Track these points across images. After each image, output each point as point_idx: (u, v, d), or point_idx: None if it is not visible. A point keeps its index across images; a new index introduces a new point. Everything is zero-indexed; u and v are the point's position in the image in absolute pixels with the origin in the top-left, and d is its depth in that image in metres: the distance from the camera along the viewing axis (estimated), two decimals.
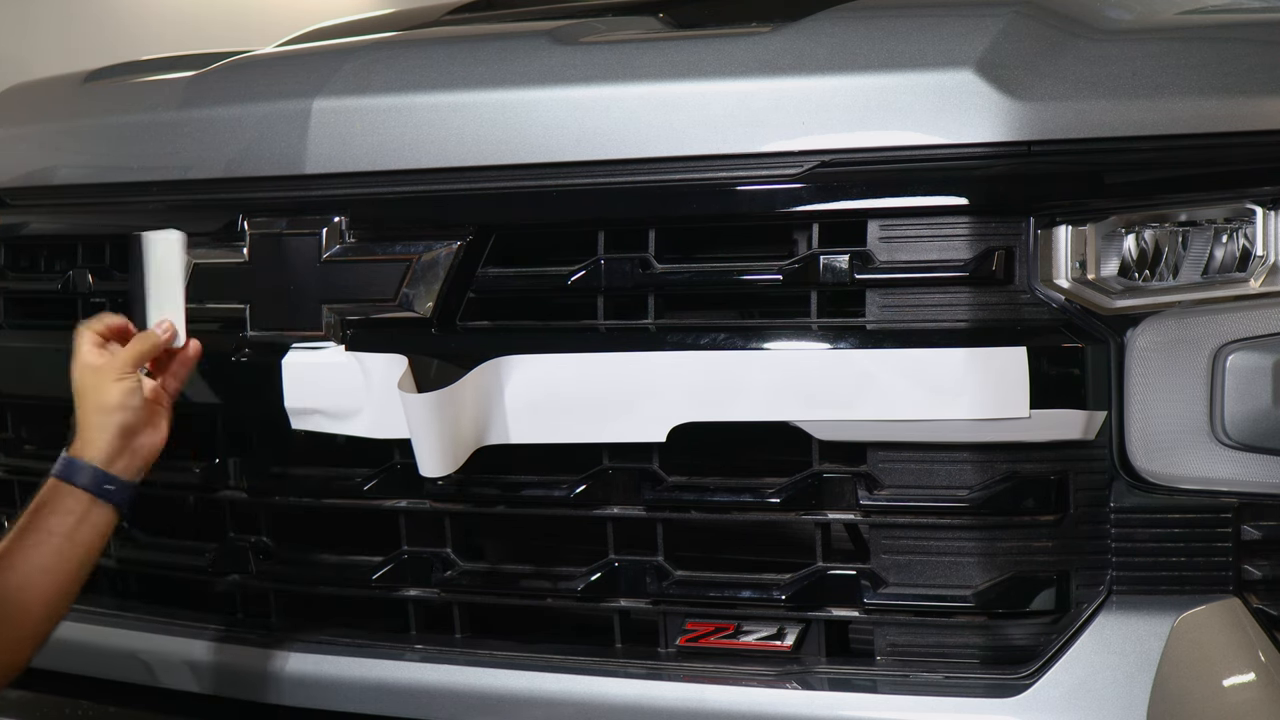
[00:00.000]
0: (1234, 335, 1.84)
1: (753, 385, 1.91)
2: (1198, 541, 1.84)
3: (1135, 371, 1.84)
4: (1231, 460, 1.84)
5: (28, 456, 2.43)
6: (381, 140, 2.08)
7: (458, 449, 2.01)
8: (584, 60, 2.07)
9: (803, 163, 1.91)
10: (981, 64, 1.85)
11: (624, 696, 1.96)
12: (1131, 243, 1.86)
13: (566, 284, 2.02)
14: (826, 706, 1.90)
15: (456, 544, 2.12)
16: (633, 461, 2.01)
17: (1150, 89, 1.84)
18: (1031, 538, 1.87)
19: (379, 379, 2.06)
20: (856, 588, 1.92)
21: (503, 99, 2.04)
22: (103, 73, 2.55)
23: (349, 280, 2.10)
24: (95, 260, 2.37)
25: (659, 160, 1.97)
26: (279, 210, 2.15)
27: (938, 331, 1.87)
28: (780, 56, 1.95)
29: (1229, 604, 1.84)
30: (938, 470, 1.88)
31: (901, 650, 1.92)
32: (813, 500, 1.94)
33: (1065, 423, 1.84)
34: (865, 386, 1.87)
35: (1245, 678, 1.83)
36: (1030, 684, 1.84)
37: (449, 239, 2.06)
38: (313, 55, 2.37)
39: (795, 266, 1.93)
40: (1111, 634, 1.84)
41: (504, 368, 2.01)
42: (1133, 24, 2.03)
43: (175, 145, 2.26)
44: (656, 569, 2.01)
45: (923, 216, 1.87)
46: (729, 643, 1.98)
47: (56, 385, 2.10)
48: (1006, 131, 1.83)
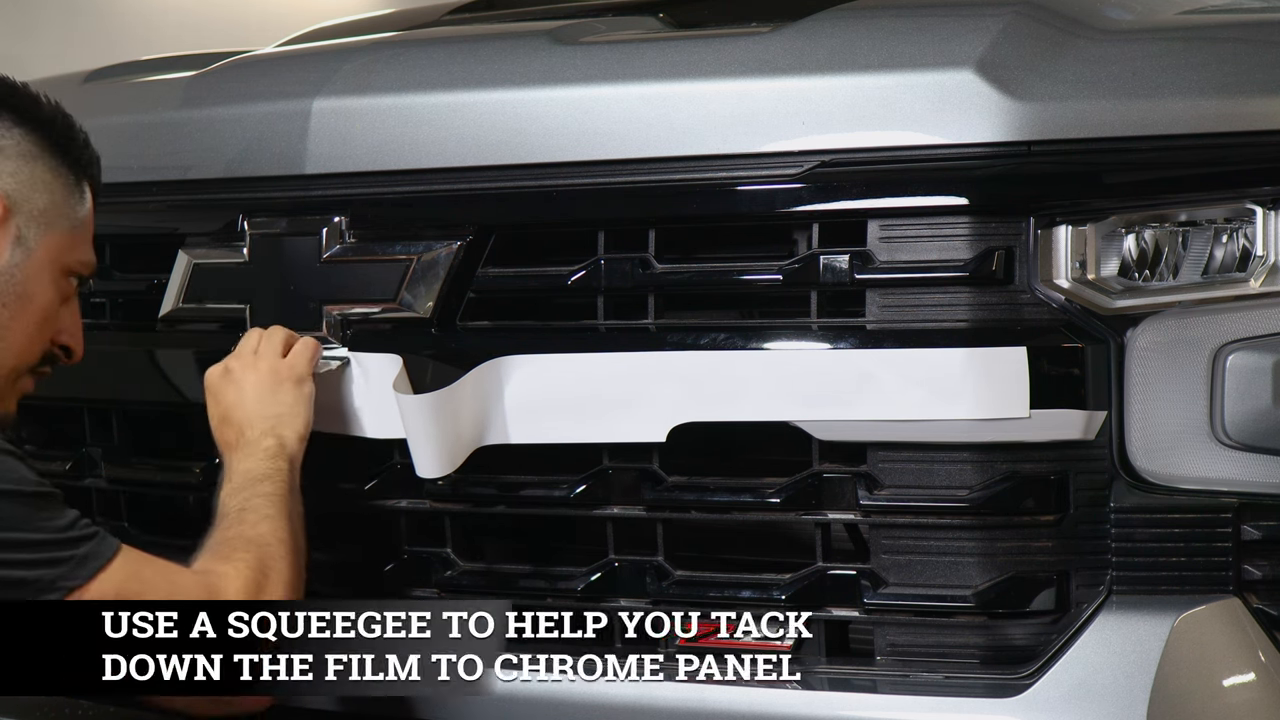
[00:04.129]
0: (1234, 335, 1.84)
1: (753, 385, 1.91)
2: (1198, 541, 1.84)
3: (1135, 371, 1.84)
4: (1231, 460, 1.84)
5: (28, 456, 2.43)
6: (381, 140, 2.08)
7: (456, 449, 2.01)
8: (584, 60, 2.07)
9: (802, 163, 1.91)
10: (981, 64, 1.85)
11: (624, 696, 1.95)
12: (1131, 243, 1.86)
13: (566, 284, 2.02)
14: (826, 706, 1.90)
15: (456, 544, 2.12)
16: (633, 461, 2.01)
17: (1150, 89, 1.84)
18: (1031, 538, 1.87)
19: (378, 379, 2.06)
20: (856, 588, 1.92)
21: (503, 99, 2.04)
22: (102, 73, 2.56)
23: (349, 280, 2.11)
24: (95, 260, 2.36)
25: (659, 160, 1.97)
26: (279, 210, 2.15)
27: (938, 331, 1.87)
28: (780, 56, 1.95)
29: (1229, 604, 1.84)
30: (938, 470, 1.88)
31: (901, 650, 1.92)
32: (813, 500, 1.94)
33: (1065, 423, 1.84)
34: (865, 386, 1.87)
35: (1245, 678, 1.83)
36: (1030, 684, 1.84)
37: (449, 239, 2.06)
38: (313, 55, 2.37)
39: (795, 266, 1.93)
40: (1111, 634, 1.84)
41: (504, 368, 2.01)
42: (1133, 24, 2.03)
43: (175, 145, 2.27)
44: (656, 569, 2.01)
45: (923, 216, 1.87)
46: (729, 643, 1.98)
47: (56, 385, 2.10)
48: (1006, 131, 1.83)
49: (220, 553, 1.91)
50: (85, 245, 2.07)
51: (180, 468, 2.27)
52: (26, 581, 1.80)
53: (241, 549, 1.91)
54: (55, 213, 2.01)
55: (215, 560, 1.90)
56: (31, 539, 1.81)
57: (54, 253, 2.01)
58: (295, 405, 2.05)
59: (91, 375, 2.35)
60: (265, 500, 1.96)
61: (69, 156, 2.03)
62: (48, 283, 2.01)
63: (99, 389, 2.36)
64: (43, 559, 1.81)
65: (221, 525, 1.95)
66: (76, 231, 2.04)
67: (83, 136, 2.06)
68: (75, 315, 2.08)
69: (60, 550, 1.82)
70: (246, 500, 1.96)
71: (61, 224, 2.02)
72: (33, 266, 1.99)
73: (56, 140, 2.01)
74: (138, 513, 2.37)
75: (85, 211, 2.06)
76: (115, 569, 1.83)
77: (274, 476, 1.99)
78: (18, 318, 1.98)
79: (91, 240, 2.08)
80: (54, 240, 2.00)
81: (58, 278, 2.02)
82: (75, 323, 2.08)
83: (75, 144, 2.04)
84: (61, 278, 2.03)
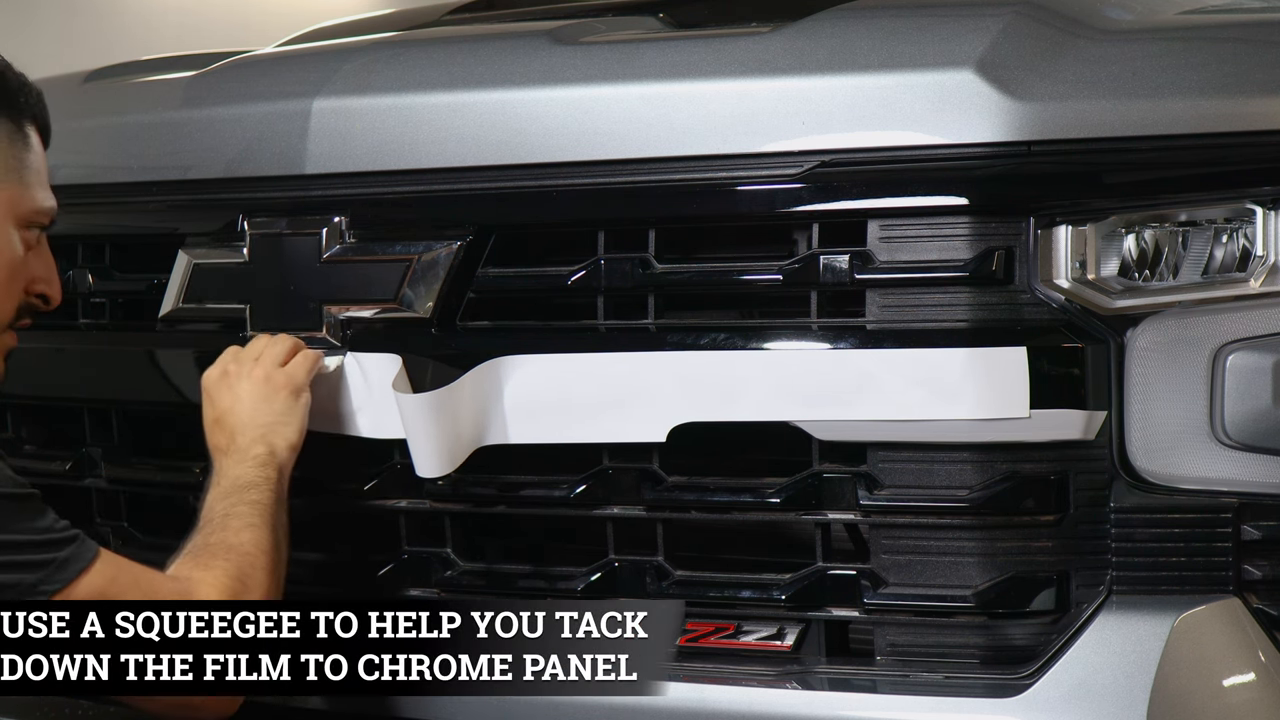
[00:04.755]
0: (1234, 335, 1.83)
1: (753, 385, 1.91)
2: (1198, 541, 1.84)
3: (1135, 371, 1.84)
4: (1231, 460, 1.84)
5: (28, 457, 2.44)
6: (381, 140, 2.08)
7: (456, 449, 2.01)
8: (584, 60, 2.07)
9: (803, 163, 1.91)
10: (981, 64, 1.85)
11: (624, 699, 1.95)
12: (1131, 243, 1.86)
13: (566, 284, 2.02)
14: (826, 706, 1.90)
15: (456, 544, 2.12)
16: (633, 461, 2.01)
17: (1150, 89, 1.84)
18: (1031, 538, 1.87)
19: (378, 379, 2.06)
20: (856, 588, 1.92)
21: (503, 99, 2.04)
22: (103, 73, 2.55)
23: (349, 280, 2.11)
24: (95, 260, 2.37)
25: (659, 160, 1.97)
26: (279, 210, 2.15)
27: (938, 331, 1.87)
28: (780, 56, 1.95)
29: (1229, 604, 1.84)
30: (938, 470, 1.88)
31: (901, 650, 1.92)
32: (813, 500, 1.94)
33: (1065, 423, 1.84)
34: (865, 386, 1.87)
35: (1245, 678, 1.83)
36: (1030, 684, 1.84)
37: (449, 239, 2.06)
38: (313, 55, 2.37)
39: (795, 266, 1.93)
40: (1111, 634, 1.84)
41: (504, 368, 2.01)
42: (1133, 24, 2.03)
43: (175, 145, 2.26)
44: (656, 569, 2.01)
45: (923, 216, 1.87)
46: (729, 643, 1.98)
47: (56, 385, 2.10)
48: (1006, 131, 1.83)
49: (200, 559, 1.89)
50: (41, 191, 1.99)
51: (180, 468, 2.27)
52: (5, 585, 1.76)
53: (222, 556, 1.89)
54: (1, 167, 1.94)
55: (194, 566, 1.88)
56: (10, 541, 1.77)
57: (7, 208, 1.94)
58: (289, 415, 2.04)
59: (91, 375, 2.36)
60: (250, 508, 1.94)
61: (4, 104, 1.95)
62: (5, 240, 1.94)
63: (99, 389, 2.36)
64: (22, 561, 1.77)
65: (205, 529, 1.93)
66: (28, 180, 1.96)
67: (17, 79, 1.97)
68: (47, 261, 2.01)
69: (40, 553, 1.78)
70: (232, 506, 1.95)
71: (10, 178, 1.94)
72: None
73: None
74: (138, 513, 2.37)
75: (34, 157, 1.98)
76: (95, 573, 1.80)
77: (262, 485, 1.97)
78: None
79: (47, 183, 2.00)
80: (4, 195, 1.93)
81: (18, 231, 1.95)
82: (48, 269, 2.01)
83: (9, 89, 1.96)
84: (22, 230, 1.96)
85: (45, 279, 2.01)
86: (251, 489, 1.97)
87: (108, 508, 2.38)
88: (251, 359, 2.07)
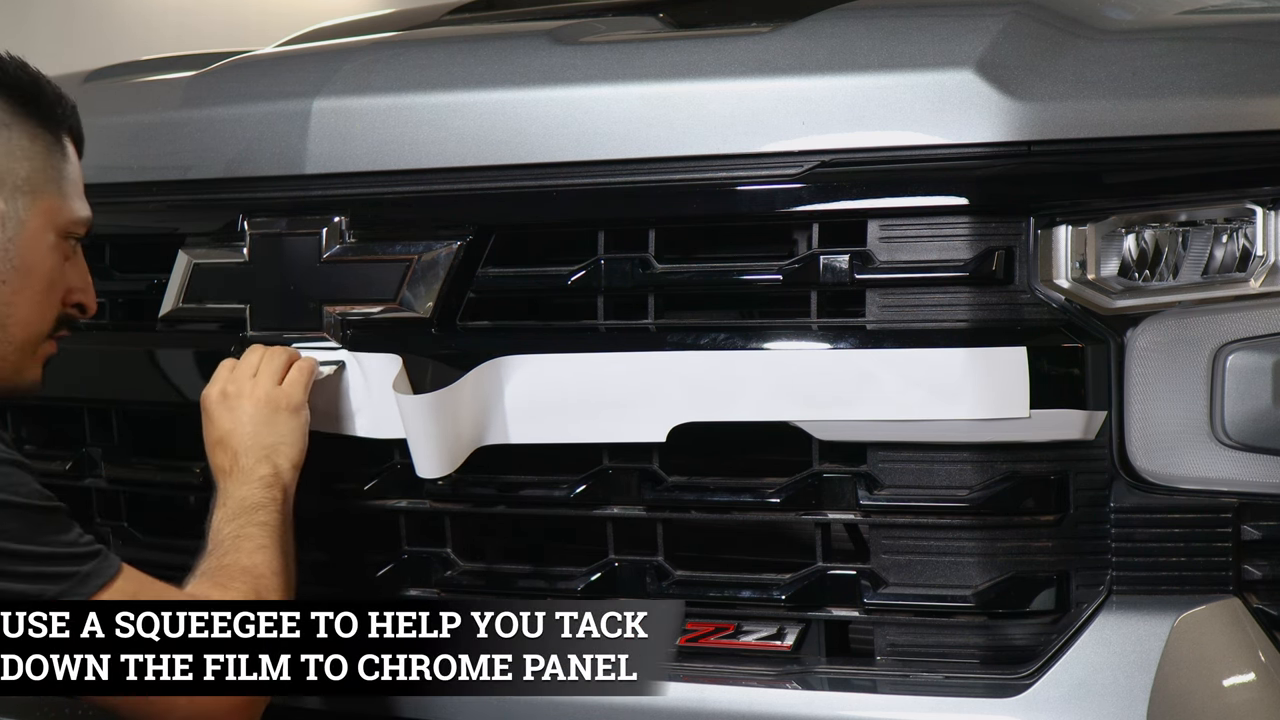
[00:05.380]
0: (1234, 335, 1.84)
1: (753, 385, 1.91)
2: (1198, 541, 1.84)
3: (1135, 371, 1.84)
4: (1231, 460, 1.84)
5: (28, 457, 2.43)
6: (381, 140, 2.08)
7: (456, 449, 2.01)
8: (584, 60, 2.07)
9: (803, 163, 1.91)
10: (981, 64, 1.85)
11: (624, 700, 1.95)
12: (1131, 243, 1.86)
13: (566, 284, 2.02)
14: (826, 706, 1.90)
15: (456, 544, 2.12)
16: (633, 461, 2.01)
17: (1150, 89, 1.84)
18: (1031, 538, 1.87)
19: (378, 379, 2.06)
20: (856, 588, 1.92)
21: (503, 99, 2.04)
22: (102, 73, 2.56)
23: (349, 280, 2.10)
24: (95, 260, 2.35)
25: (659, 160, 1.97)
26: (279, 210, 2.15)
27: (938, 331, 1.87)
28: (780, 56, 1.95)
29: (1229, 604, 1.84)
30: (938, 470, 1.88)
31: (901, 650, 1.92)
32: (813, 500, 1.94)
33: (1065, 423, 1.84)
34: (865, 386, 1.87)
35: (1245, 678, 1.83)
36: (1030, 684, 1.84)
37: (449, 239, 2.06)
38: (313, 55, 2.37)
39: (795, 266, 1.93)
40: (1111, 634, 1.84)
41: (504, 368, 2.01)
42: (1133, 24, 2.03)
43: (175, 145, 2.26)
44: (656, 569, 2.01)
45: (923, 216, 1.87)
46: (729, 643, 1.98)
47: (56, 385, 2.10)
48: (1006, 131, 1.83)
49: (218, 580, 1.89)
50: (79, 201, 2.00)
51: (180, 468, 2.27)
52: (28, 596, 1.76)
53: (239, 578, 1.89)
54: (40, 178, 1.94)
55: (212, 587, 1.88)
56: (35, 552, 1.78)
57: (46, 219, 1.95)
58: (291, 434, 2.04)
59: (91, 375, 2.36)
60: (260, 529, 1.94)
61: (42, 114, 1.95)
62: (46, 251, 1.95)
63: (99, 389, 2.36)
64: (45, 573, 1.78)
65: (216, 552, 1.93)
66: (66, 191, 1.98)
67: (52, 90, 1.98)
68: (82, 271, 2.03)
69: (64, 565, 1.79)
70: (241, 528, 1.95)
71: (49, 188, 1.95)
72: (27, 238, 1.93)
73: (26, 102, 1.94)
74: (138, 513, 2.37)
75: (71, 168, 1.99)
76: (116, 589, 1.80)
77: (269, 506, 1.97)
78: (21, 292, 1.93)
79: (83, 193, 2.02)
80: (44, 206, 1.94)
81: (56, 243, 1.96)
82: (84, 279, 2.03)
83: (46, 99, 1.97)
84: (60, 242, 1.97)
85: (82, 289, 2.03)
86: (259, 510, 1.97)
87: (108, 508, 2.38)
88: (249, 376, 2.06)
